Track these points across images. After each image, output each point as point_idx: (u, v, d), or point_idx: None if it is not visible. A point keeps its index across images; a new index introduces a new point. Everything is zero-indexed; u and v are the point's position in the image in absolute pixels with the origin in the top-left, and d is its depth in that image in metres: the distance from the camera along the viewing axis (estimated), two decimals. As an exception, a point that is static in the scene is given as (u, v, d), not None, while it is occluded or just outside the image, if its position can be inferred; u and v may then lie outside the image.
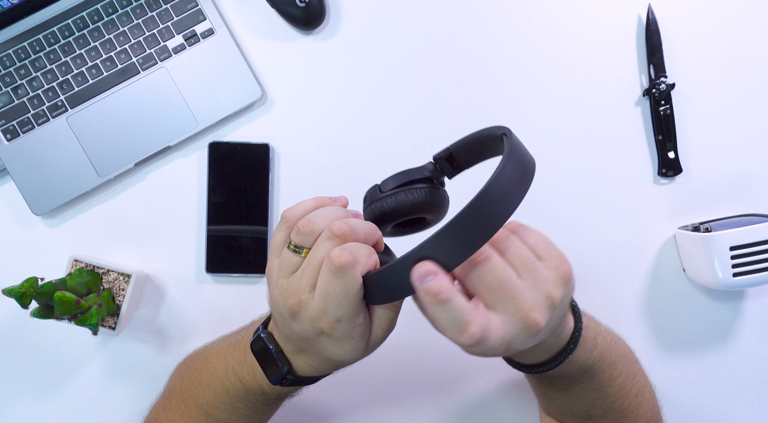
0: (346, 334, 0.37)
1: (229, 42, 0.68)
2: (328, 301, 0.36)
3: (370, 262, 0.36)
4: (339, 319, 0.36)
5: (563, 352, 0.42)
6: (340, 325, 0.36)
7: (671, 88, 0.66)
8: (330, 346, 0.38)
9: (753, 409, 0.66)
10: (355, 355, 0.39)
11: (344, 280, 0.35)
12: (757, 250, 0.58)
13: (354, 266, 0.35)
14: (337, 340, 0.38)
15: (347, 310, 0.36)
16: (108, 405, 0.66)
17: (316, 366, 0.42)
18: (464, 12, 0.69)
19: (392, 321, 0.39)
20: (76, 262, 0.64)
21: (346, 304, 0.35)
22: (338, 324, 0.36)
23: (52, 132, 0.67)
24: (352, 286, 0.35)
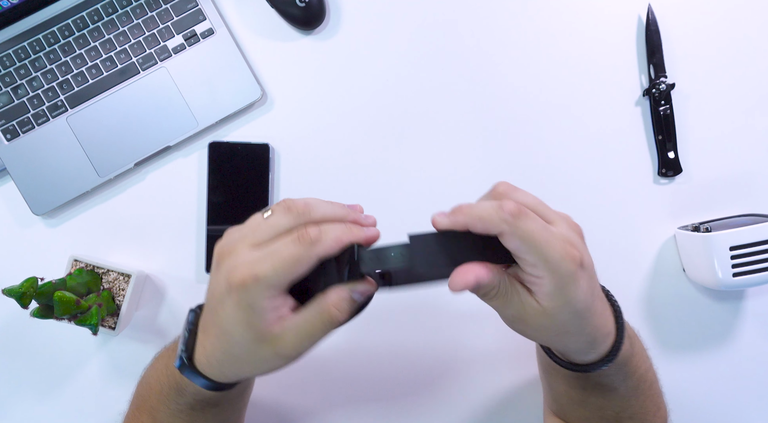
0: (249, 299, 0.35)
1: (229, 42, 0.68)
2: (267, 257, 0.35)
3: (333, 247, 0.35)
4: (259, 276, 0.34)
5: (618, 335, 0.41)
6: (254, 285, 0.34)
7: (671, 88, 0.66)
8: (228, 311, 0.36)
9: (753, 409, 0.66)
10: (246, 336, 0.36)
11: (300, 250, 0.34)
12: (757, 250, 0.58)
13: (316, 244, 0.35)
14: (238, 304, 0.35)
15: (276, 274, 0.34)
16: (108, 405, 0.66)
17: (210, 350, 0.39)
18: (464, 12, 0.69)
19: (310, 334, 0.37)
20: (76, 262, 0.64)
21: (281, 269, 0.34)
22: (254, 282, 0.34)
23: (52, 132, 0.67)
24: (303, 259, 0.35)
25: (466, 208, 0.35)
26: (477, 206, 0.35)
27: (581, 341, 0.39)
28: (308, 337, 0.37)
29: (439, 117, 0.68)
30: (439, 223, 0.36)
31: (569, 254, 0.35)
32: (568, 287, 0.35)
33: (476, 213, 0.35)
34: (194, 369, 0.40)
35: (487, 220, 0.34)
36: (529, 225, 0.34)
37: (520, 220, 0.34)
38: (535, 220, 0.35)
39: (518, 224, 0.34)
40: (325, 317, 0.36)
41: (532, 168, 0.68)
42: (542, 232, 0.34)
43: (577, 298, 0.36)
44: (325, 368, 0.66)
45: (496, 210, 0.34)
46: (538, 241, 0.34)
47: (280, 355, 0.37)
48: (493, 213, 0.34)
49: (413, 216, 0.68)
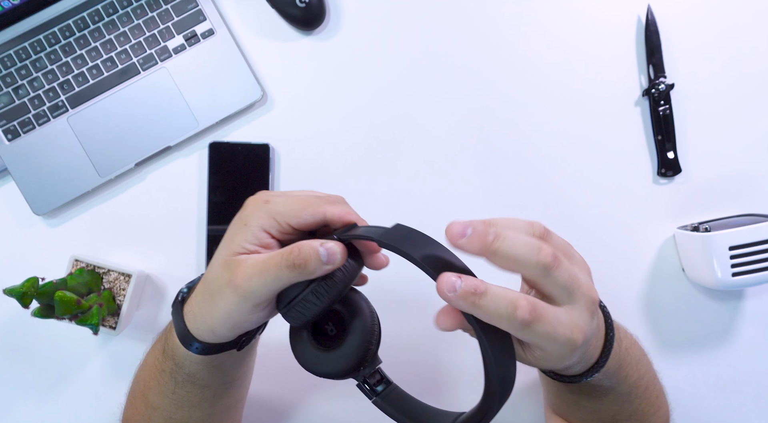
0: (249, 216, 0.38)
1: (229, 42, 0.68)
2: (285, 196, 0.38)
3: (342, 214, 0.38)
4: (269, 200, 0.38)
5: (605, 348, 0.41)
6: (261, 206, 0.37)
7: (670, 88, 0.66)
8: (231, 227, 0.38)
9: (753, 409, 0.66)
10: (223, 252, 0.37)
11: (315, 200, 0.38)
12: (756, 250, 0.58)
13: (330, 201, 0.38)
14: (240, 219, 0.38)
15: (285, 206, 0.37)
16: (108, 405, 0.66)
17: (196, 290, 0.40)
18: (464, 13, 0.69)
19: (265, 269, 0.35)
20: (76, 262, 0.64)
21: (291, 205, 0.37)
22: (263, 204, 0.38)
23: (53, 132, 0.67)
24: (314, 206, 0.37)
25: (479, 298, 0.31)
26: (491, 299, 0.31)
27: (567, 364, 0.39)
28: (263, 272, 0.35)
29: (439, 117, 0.69)
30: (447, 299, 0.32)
31: (572, 341, 0.34)
32: (560, 358, 0.35)
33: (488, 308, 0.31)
34: (180, 309, 0.41)
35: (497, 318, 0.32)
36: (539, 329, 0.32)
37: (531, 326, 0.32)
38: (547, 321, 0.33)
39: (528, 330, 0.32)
40: (285, 256, 0.35)
41: (531, 168, 0.68)
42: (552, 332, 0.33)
43: (565, 359, 0.36)
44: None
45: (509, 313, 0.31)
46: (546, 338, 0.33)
47: (233, 286, 0.36)
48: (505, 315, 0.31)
49: (413, 216, 0.68)
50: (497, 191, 0.68)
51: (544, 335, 0.33)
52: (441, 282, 0.31)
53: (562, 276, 0.33)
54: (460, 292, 0.31)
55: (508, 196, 0.68)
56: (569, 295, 0.34)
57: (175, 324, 0.41)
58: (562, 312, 0.34)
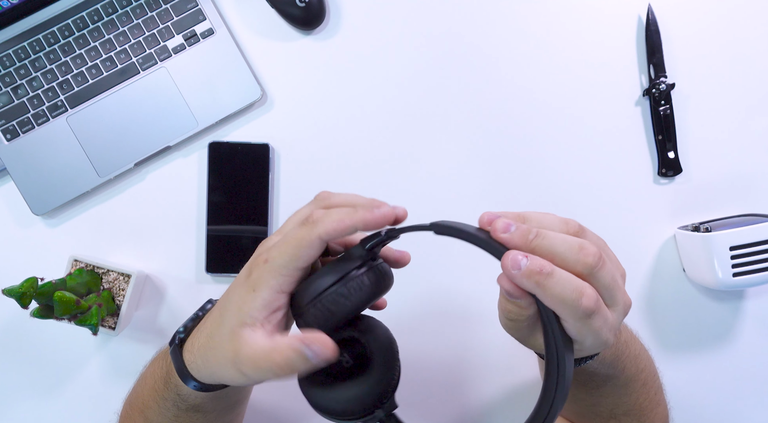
0: (256, 280, 0.35)
1: (229, 42, 0.68)
2: (280, 242, 0.36)
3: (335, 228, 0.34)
4: (269, 259, 0.35)
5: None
6: (265, 267, 0.35)
7: (671, 88, 0.66)
8: (235, 289, 0.37)
9: (753, 409, 0.66)
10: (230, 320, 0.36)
11: (302, 232, 0.35)
12: (757, 250, 0.58)
13: (317, 224, 0.35)
14: (245, 281, 0.36)
15: (281, 256, 0.35)
16: (108, 405, 0.66)
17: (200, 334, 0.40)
18: (464, 12, 0.69)
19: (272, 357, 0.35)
20: (76, 262, 0.64)
21: (285, 251, 0.35)
22: (264, 264, 0.35)
23: (52, 132, 0.67)
24: (305, 240, 0.35)
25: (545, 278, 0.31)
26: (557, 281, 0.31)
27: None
28: (261, 367, 0.35)
29: (439, 117, 0.68)
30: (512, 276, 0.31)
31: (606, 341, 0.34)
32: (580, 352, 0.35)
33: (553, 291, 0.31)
34: (179, 352, 0.41)
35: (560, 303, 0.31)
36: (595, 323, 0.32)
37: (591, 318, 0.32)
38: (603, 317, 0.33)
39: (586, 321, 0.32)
40: (273, 359, 0.34)
41: (532, 168, 0.68)
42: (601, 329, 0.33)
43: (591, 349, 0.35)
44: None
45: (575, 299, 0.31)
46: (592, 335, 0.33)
47: (235, 365, 0.36)
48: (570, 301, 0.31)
49: (413, 216, 0.68)
50: (498, 190, 0.68)
51: (595, 330, 0.32)
52: (506, 259, 0.31)
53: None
54: (525, 270, 0.31)
55: (508, 196, 0.68)
56: (611, 297, 0.34)
57: (176, 367, 0.41)
58: (610, 312, 0.34)
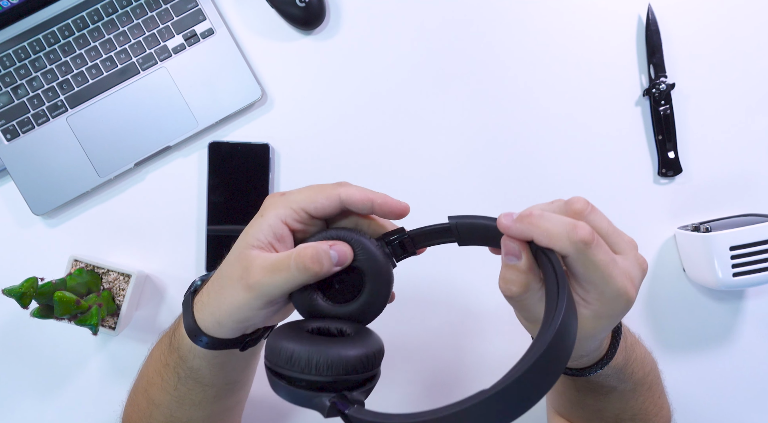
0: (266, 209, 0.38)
1: (229, 42, 0.68)
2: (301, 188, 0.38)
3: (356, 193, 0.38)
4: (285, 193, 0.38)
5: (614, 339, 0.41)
6: (279, 199, 0.38)
7: (671, 88, 0.66)
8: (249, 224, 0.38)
9: (753, 409, 0.66)
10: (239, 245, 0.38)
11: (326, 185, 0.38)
12: (757, 250, 0.58)
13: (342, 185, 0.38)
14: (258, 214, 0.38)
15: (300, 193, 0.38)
16: (108, 405, 0.66)
17: (210, 283, 0.40)
18: (464, 12, 0.69)
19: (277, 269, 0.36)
20: (76, 262, 0.64)
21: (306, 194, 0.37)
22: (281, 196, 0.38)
23: (52, 132, 0.67)
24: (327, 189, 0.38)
25: (536, 219, 0.33)
26: (548, 220, 0.33)
27: (580, 353, 0.39)
28: (271, 272, 0.36)
29: (439, 117, 0.68)
30: (506, 227, 0.33)
31: (628, 293, 0.33)
32: (609, 319, 0.34)
33: (546, 227, 0.32)
34: (191, 300, 0.41)
35: (556, 238, 0.32)
36: (598, 255, 0.32)
37: (591, 248, 0.32)
38: (606, 252, 0.33)
39: (587, 252, 0.32)
40: (294, 258, 0.35)
41: (532, 168, 0.68)
42: (610, 265, 0.32)
43: (608, 328, 0.35)
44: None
45: (568, 231, 0.32)
46: (602, 273, 0.32)
47: (244, 283, 0.36)
48: (563, 233, 0.32)
49: (414, 216, 0.68)
50: (498, 190, 0.68)
51: (602, 266, 0.32)
52: (500, 217, 0.34)
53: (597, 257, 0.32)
54: (517, 217, 0.33)
55: (508, 195, 0.68)
56: (617, 245, 0.34)
57: (184, 315, 0.41)
58: (618, 257, 0.34)
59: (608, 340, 0.41)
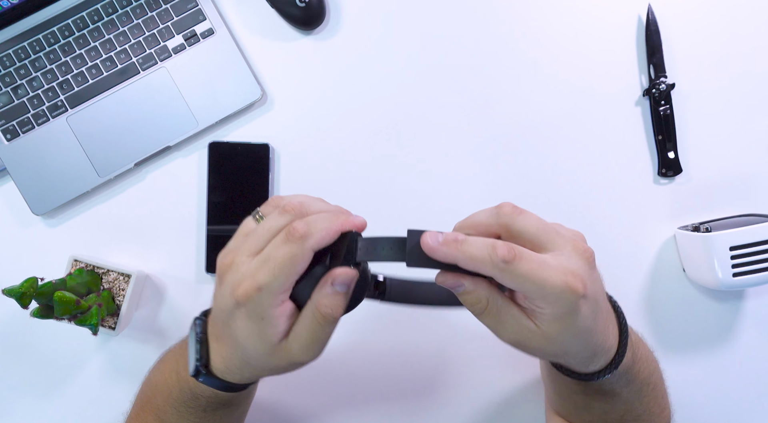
0: (258, 311, 0.35)
1: (229, 42, 0.68)
2: (263, 265, 0.35)
3: (324, 238, 0.35)
4: (261, 286, 0.35)
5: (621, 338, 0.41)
6: (258, 296, 0.35)
7: (671, 88, 0.66)
8: (239, 324, 0.37)
9: (753, 409, 0.66)
10: (260, 349, 0.37)
11: (293, 248, 0.34)
12: (757, 250, 0.58)
13: (306, 238, 0.34)
14: (247, 316, 0.36)
15: (276, 279, 0.35)
16: (108, 405, 0.66)
17: (227, 358, 0.40)
18: (464, 12, 0.69)
19: (315, 339, 0.37)
20: (76, 262, 0.64)
21: (280, 273, 0.34)
22: (257, 293, 0.35)
23: (52, 132, 0.67)
24: (297, 256, 0.34)
25: (460, 244, 0.34)
26: (470, 244, 0.33)
27: (582, 357, 0.39)
28: (314, 342, 0.37)
29: (439, 117, 0.68)
30: (432, 250, 0.34)
31: (570, 287, 0.33)
32: (569, 317, 0.35)
33: (469, 252, 0.33)
34: (211, 375, 0.41)
35: (479, 262, 0.33)
36: (522, 267, 0.33)
37: (512, 265, 0.33)
38: (530, 260, 0.33)
39: (511, 269, 0.33)
40: (320, 319, 0.36)
41: (532, 168, 0.68)
42: (538, 271, 0.33)
43: (578, 324, 0.35)
44: (325, 368, 0.66)
45: (489, 253, 0.33)
46: (533, 280, 0.33)
47: (295, 362, 0.38)
48: (486, 256, 0.33)
49: (413, 216, 0.68)
50: (498, 191, 0.68)
51: (530, 275, 0.33)
52: (425, 237, 0.34)
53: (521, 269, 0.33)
54: (443, 240, 0.34)
55: (508, 196, 0.67)
56: (550, 242, 0.35)
57: (217, 387, 0.42)
58: (549, 257, 0.34)
59: (615, 340, 0.40)
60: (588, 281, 0.35)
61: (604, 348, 0.39)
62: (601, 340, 0.38)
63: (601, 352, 0.39)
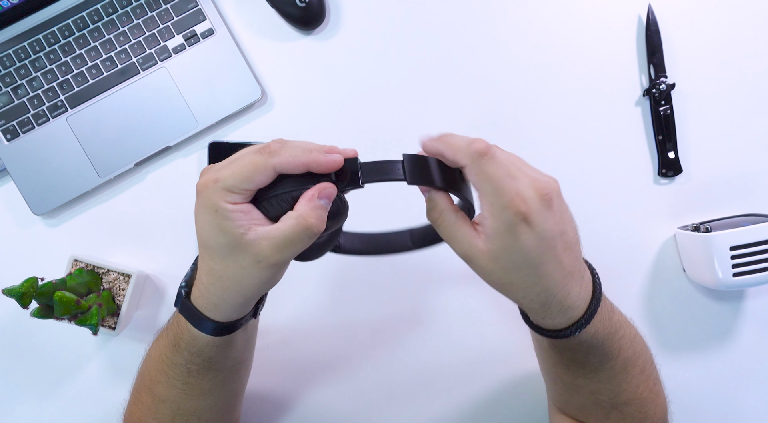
0: (211, 201, 0.37)
1: (229, 42, 0.68)
2: (228, 165, 0.37)
3: (289, 161, 0.37)
4: (218, 179, 0.36)
5: (592, 301, 0.41)
6: (214, 186, 0.36)
7: (671, 88, 0.66)
8: (199, 218, 0.38)
9: (753, 409, 0.66)
10: (222, 241, 0.37)
11: (257, 158, 0.36)
12: (757, 250, 0.58)
13: (273, 155, 0.36)
14: (203, 207, 0.37)
15: (232, 176, 0.36)
16: (108, 405, 0.66)
17: (201, 279, 0.40)
18: (464, 12, 0.69)
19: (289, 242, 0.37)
20: (76, 262, 0.64)
21: (238, 173, 0.36)
22: (213, 183, 0.37)
23: (52, 132, 0.67)
24: (259, 165, 0.36)
25: (446, 137, 0.39)
26: (454, 136, 0.38)
27: (531, 298, 0.40)
28: (287, 246, 0.37)
29: (439, 117, 0.68)
30: (423, 143, 0.40)
31: (515, 205, 0.36)
32: (506, 235, 0.37)
33: (451, 142, 0.38)
34: (189, 302, 0.42)
35: (456, 150, 0.37)
36: (491, 168, 0.36)
37: (483, 159, 0.36)
38: (500, 166, 0.37)
39: (480, 162, 0.36)
40: (302, 227, 0.37)
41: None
42: (499, 178, 0.36)
43: (517, 249, 0.37)
44: (318, 354, 0.66)
45: (467, 144, 0.37)
46: (490, 182, 0.36)
47: (259, 264, 0.38)
48: (463, 146, 0.37)
49: (412, 215, 0.68)
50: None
51: (492, 175, 0.36)
52: (422, 138, 0.40)
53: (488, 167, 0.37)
54: (435, 135, 0.39)
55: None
56: (510, 176, 0.37)
57: (191, 318, 0.42)
58: (512, 176, 0.37)
59: (583, 302, 0.41)
60: (534, 211, 0.37)
61: (562, 301, 0.40)
62: (552, 286, 0.39)
63: (554, 303, 0.40)
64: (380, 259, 0.62)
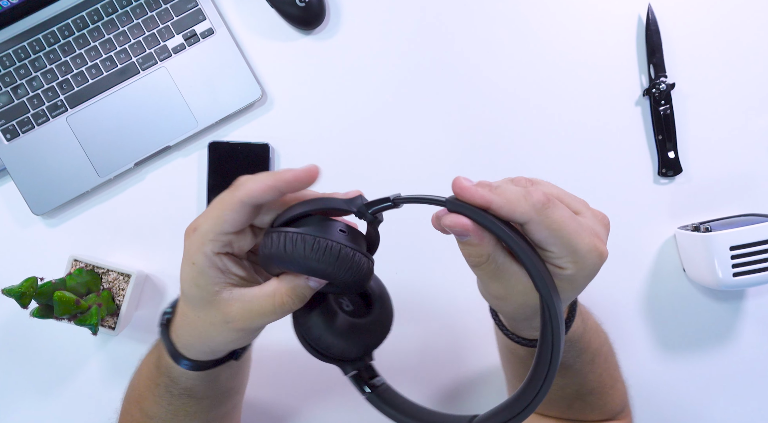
0: (190, 252, 0.35)
1: (229, 42, 0.68)
2: (207, 209, 0.36)
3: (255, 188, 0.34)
4: (196, 227, 0.35)
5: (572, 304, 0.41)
6: (193, 236, 0.35)
7: (671, 88, 0.66)
8: (182, 271, 0.37)
9: (753, 409, 0.66)
10: (196, 295, 0.36)
11: (224, 196, 0.35)
12: (757, 250, 0.58)
13: (238, 188, 0.35)
14: (185, 259, 0.36)
15: (206, 222, 0.35)
16: (108, 405, 0.66)
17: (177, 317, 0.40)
18: (464, 12, 0.69)
19: (260, 313, 0.35)
20: (75, 262, 0.64)
21: (211, 216, 0.35)
22: (192, 233, 0.35)
23: (52, 132, 0.67)
24: (226, 203, 0.34)
25: (493, 187, 0.32)
26: (505, 188, 0.32)
27: (520, 311, 0.38)
28: (258, 316, 0.36)
29: (439, 116, 0.68)
30: (463, 189, 0.32)
31: (597, 248, 0.33)
32: (585, 280, 0.34)
33: (504, 194, 0.31)
34: (167, 332, 0.41)
35: (515, 204, 0.31)
36: (557, 214, 0.31)
37: (549, 209, 0.31)
38: (564, 209, 0.32)
39: (547, 213, 0.31)
40: (276, 301, 0.35)
41: (532, 168, 0.68)
42: (571, 223, 0.32)
43: (579, 292, 0.35)
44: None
45: (524, 196, 0.31)
46: (567, 231, 0.32)
47: (228, 324, 0.36)
48: (521, 199, 0.31)
49: (412, 214, 0.68)
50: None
51: (567, 224, 0.31)
52: (457, 179, 0.32)
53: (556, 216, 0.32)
54: (477, 182, 0.33)
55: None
56: (572, 218, 0.33)
57: (166, 347, 0.41)
58: (573, 218, 0.33)
59: (565, 310, 0.40)
60: (606, 251, 0.34)
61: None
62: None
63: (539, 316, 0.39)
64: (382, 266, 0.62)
